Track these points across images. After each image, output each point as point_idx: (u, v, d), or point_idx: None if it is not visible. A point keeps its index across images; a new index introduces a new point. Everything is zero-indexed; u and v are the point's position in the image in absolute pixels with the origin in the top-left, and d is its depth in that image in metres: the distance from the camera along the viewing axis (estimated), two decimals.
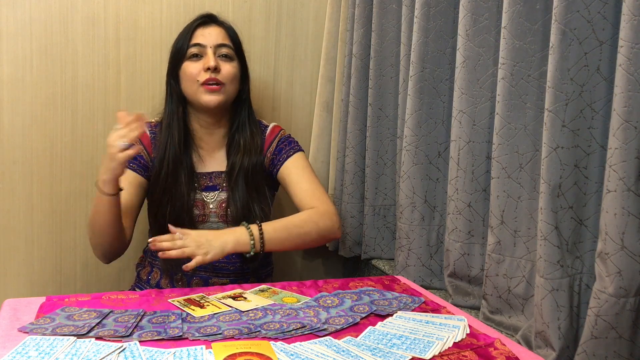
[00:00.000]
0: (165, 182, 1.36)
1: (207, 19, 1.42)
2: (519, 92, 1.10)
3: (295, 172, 1.42)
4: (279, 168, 1.43)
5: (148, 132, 1.41)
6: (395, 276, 1.31)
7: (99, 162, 1.62)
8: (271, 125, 1.49)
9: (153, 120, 1.44)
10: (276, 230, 1.27)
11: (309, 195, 1.38)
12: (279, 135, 1.47)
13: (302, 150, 1.47)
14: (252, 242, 1.23)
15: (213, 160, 1.43)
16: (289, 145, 1.45)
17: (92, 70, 1.59)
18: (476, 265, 1.27)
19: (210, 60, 1.34)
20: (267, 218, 1.38)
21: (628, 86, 0.86)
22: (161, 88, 1.46)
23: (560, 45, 0.97)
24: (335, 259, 1.88)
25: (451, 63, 1.36)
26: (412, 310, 1.07)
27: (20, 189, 1.58)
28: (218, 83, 1.35)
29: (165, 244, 1.16)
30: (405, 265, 1.45)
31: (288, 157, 1.43)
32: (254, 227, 1.25)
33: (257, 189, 1.40)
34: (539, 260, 1.02)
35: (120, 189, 1.22)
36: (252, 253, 1.24)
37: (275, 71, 1.78)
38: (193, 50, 1.37)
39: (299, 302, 1.10)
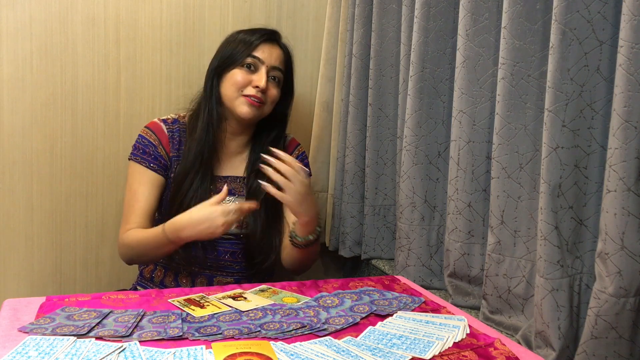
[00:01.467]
0: (185, 178, 1.36)
1: (273, 36, 1.41)
2: (519, 92, 1.10)
3: None
4: None
5: (166, 131, 1.41)
6: (395, 276, 1.31)
7: (99, 162, 1.62)
8: (290, 137, 1.52)
9: (169, 117, 1.43)
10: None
11: None
12: (297, 150, 1.51)
13: (310, 175, 1.50)
14: (318, 229, 1.32)
15: (230, 164, 1.44)
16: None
17: (92, 70, 1.59)
18: (476, 265, 1.27)
19: (262, 80, 1.35)
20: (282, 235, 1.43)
21: (628, 86, 0.86)
22: (161, 88, 1.46)
23: (560, 45, 0.97)
24: (335, 259, 1.88)
25: (451, 63, 1.36)
26: (412, 310, 1.07)
27: (20, 189, 1.57)
28: (260, 101, 1.36)
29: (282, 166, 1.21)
30: (405, 265, 1.44)
31: None
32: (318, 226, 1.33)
33: (275, 216, 1.42)
34: (539, 260, 1.02)
35: None
36: (310, 238, 1.31)
37: None
38: (249, 60, 1.36)
39: (299, 302, 1.10)
